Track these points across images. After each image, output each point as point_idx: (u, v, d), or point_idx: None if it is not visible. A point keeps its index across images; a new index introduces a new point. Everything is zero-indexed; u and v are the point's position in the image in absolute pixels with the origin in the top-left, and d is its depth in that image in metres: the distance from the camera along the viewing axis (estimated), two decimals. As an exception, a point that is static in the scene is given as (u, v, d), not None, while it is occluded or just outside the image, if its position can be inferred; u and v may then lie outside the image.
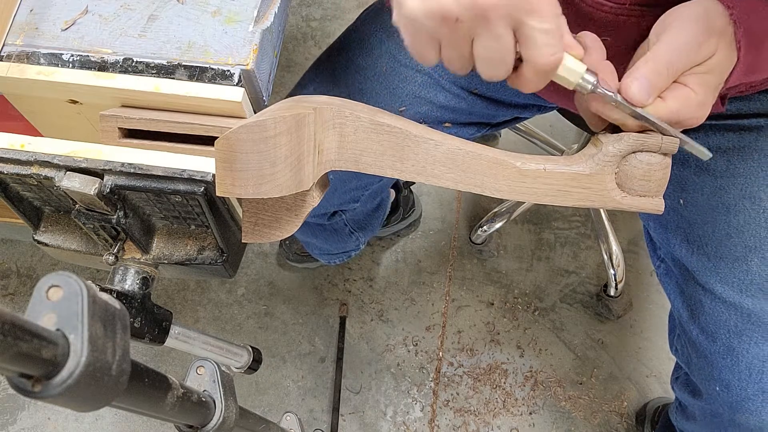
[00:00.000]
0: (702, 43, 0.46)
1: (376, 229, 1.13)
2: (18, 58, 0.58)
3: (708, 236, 0.69)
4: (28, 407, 1.30)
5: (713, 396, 0.73)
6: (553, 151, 1.35)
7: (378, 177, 0.82)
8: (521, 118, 0.86)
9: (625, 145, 0.49)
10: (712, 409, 0.75)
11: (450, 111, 0.76)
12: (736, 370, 0.69)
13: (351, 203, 0.86)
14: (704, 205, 0.69)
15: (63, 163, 0.50)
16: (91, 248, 0.59)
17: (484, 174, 0.51)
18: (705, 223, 0.69)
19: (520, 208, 1.36)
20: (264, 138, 0.44)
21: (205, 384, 0.52)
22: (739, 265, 0.67)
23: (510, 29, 0.42)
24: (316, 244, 1.08)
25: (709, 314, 0.70)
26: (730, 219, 0.68)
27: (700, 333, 0.72)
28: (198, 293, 1.40)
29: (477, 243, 1.40)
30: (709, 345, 0.71)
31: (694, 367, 0.75)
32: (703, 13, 0.47)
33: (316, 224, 0.96)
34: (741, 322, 0.68)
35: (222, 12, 0.60)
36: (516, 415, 1.28)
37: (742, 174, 0.67)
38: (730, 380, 0.69)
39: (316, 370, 1.32)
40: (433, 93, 0.74)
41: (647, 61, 0.46)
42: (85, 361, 0.28)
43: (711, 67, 0.47)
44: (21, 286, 1.41)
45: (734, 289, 0.68)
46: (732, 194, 0.67)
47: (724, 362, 0.69)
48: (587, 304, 1.37)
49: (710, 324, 0.70)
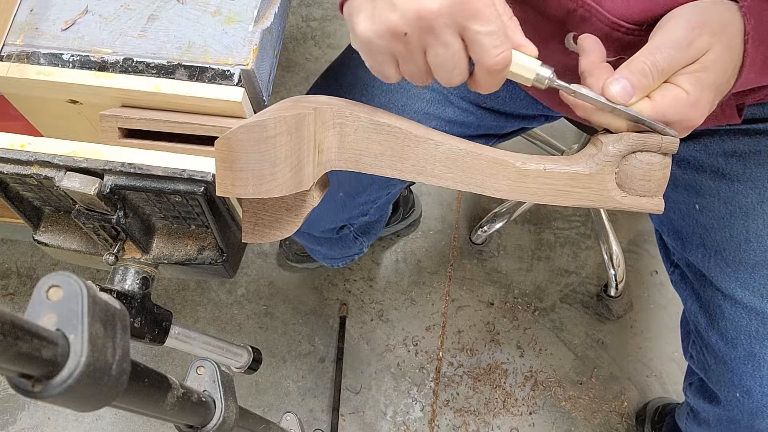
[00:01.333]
0: (692, 40, 0.46)
1: (379, 232, 1.13)
2: (18, 58, 0.58)
3: (726, 241, 0.69)
4: (28, 407, 1.30)
5: (732, 402, 0.72)
6: (553, 151, 1.35)
7: (387, 191, 0.82)
8: (528, 128, 0.86)
9: (625, 145, 0.49)
10: (729, 415, 0.74)
11: (459, 125, 0.76)
12: (758, 375, 0.68)
13: (360, 217, 0.86)
14: (721, 210, 0.69)
15: (63, 163, 0.50)
16: (91, 248, 0.59)
17: (485, 174, 0.51)
18: (722, 228, 0.69)
19: (520, 208, 1.36)
20: (264, 138, 0.44)
21: (205, 384, 0.52)
22: (759, 270, 0.67)
23: (457, 35, 0.44)
24: (321, 250, 1.08)
25: (729, 320, 0.69)
26: (748, 224, 0.67)
27: (719, 339, 0.71)
28: (198, 293, 1.40)
29: (477, 243, 1.40)
30: (729, 351, 0.70)
31: (713, 373, 0.74)
32: (698, 11, 0.47)
33: (324, 237, 0.96)
34: (762, 327, 0.67)
35: (222, 12, 0.60)
36: (516, 415, 1.28)
37: (759, 178, 0.67)
38: (752, 386, 0.68)
39: (316, 370, 1.32)
40: (441, 109, 0.74)
41: (631, 62, 0.47)
42: (85, 361, 0.28)
43: (705, 65, 0.47)
44: (21, 286, 1.41)
45: (755, 294, 0.67)
46: (750, 199, 0.67)
47: (744, 368, 0.68)
48: (587, 304, 1.37)
49: (730, 330, 0.69)
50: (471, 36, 0.44)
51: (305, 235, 0.94)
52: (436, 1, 0.42)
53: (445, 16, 0.42)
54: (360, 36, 0.46)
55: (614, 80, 0.46)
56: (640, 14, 0.52)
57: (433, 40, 0.44)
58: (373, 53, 0.47)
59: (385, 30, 0.44)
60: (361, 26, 0.46)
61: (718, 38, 0.46)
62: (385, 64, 0.47)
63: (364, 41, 0.46)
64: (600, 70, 0.48)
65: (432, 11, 0.42)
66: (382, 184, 0.79)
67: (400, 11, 0.43)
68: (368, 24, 0.45)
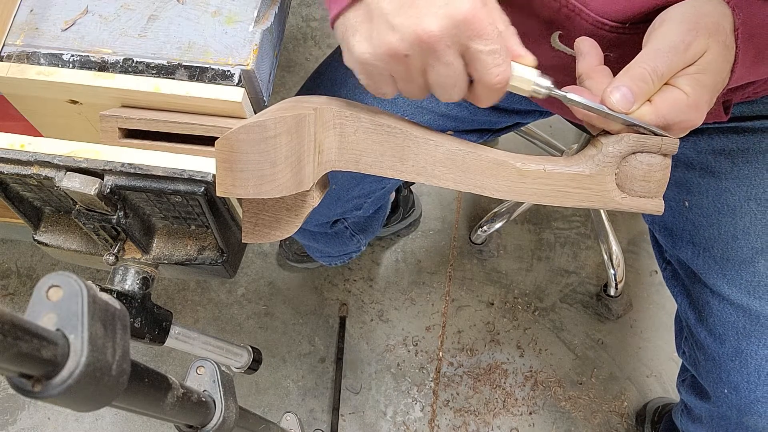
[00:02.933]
0: (690, 43, 0.46)
1: (377, 231, 1.13)
2: (18, 58, 0.58)
3: (714, 238, 0.69)
4: (28, 407, 1.30)
5: (721, 399, 0.72)
6: (553, 152, 1.35)
7: (381, 184, 0.82)
8: (523, 123, 0.86)
9: (625, 145, 0.49)
10: (719, 411, 0.75)
11: (452, 120, 0.76)
12: (745, 372, 0.68)
13: (354, 211, 0.86)
14: (709, 207, 0.69)
15: (63, 163, 0.50)
16: (91, 248, 0.59)
17: (484, 174, 0.51)
18: (710, 225, 0.69)
19: (520, 208, 1.36)
20: (264, 138, 0.44)
21: (205, 384, 0.52)
22: (746, 267, 0.67)
23: (458, 55, 0.43)
24: (318, 247, 1.08)
25: (717, 316, 0.70)
26: (735, 221, 0.68)
27: (708, 335, 0.71)
28: (198, 293, 1.40)
29: (477, 243, 1.40)
30: (717, 347, 0.70)
31: (702, 369, 0.75)
32: (692, 12, 0.47)
33: (318, 232, 0.96)
34: (749, 324, 0.67)
35: (222, 12, 0.60)
36: (516, 415, 1.28)
37: (746, 176, 0.67)
38: (739, 383, 0.69)
39: (316, 370, 1.32)
40: (435, 102, 0.74)
41: (630, 69, 0.46)
42: (85, 361, 0.28)
43: (703, 67, 0.47)
44: (21, 286, 1.41)
45: (742, 291, 0.67)
46: (737, 196, 0.67)
47: (732, 364, 0.69)
48: (587, 304, 1.37)
49: (718, 326, 0.70)
50: (473, 55, 0.43)
51: (301, 231, 0.94)
52: (436, 23, 0.41)
53: (447, 37, 0.42)
54: (358, 57, 0.45)
55: (614, 88, 0.46)
56: (624, 12, 0.52)
57: (434, 61, 0.43)
58: (371, 74, 0.46)
59: (384, 52, 0.43)
60: (358, 48, 0.44)
61: (714, 38, 0.46)
62: (383, 84, 0.46)
63: (361, 63, 0.45)
64: (598, 74, 0.48)
65: (434, 34, 0.41)
66: (377, 178, 0.79)
67: (400, 33, 0.42)
68: (366, 46, 0.44)
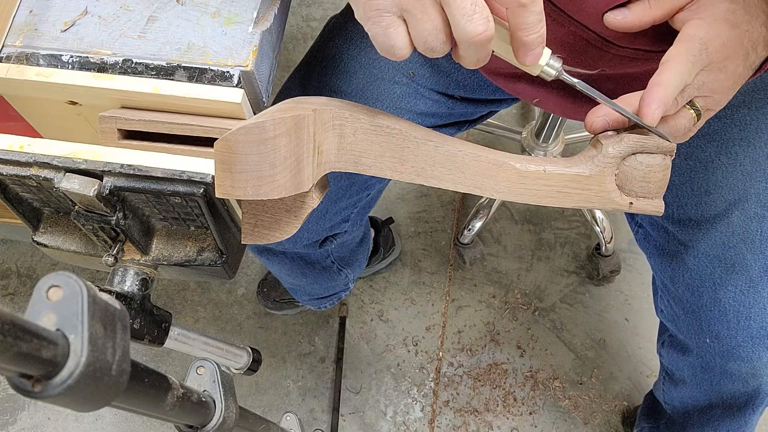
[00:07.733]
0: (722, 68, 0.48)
1: (362, 265, 1.13)
2: (17, 59, 0.58)
3: (687, 195, 0.70)
4: (28, 407, 1.30)
5: (704, 349, 0.74)
6: (512, 135, 1.34)
7: (366, 192, 0.82)
8: (495, 111, 0.87)
9: (625, 146, 0.49)
10: (702, 362, 0.77)
11: (430, 117, 0.77)
12: (725, 320, 0.70)
13: (342, 223, 0.85)
14: (681, 165, 0.70)
15: (62, 164, 0.50)
16: (90, 249, 0.59)
17: (484, 175, 0.51)
18: (683, 183, 0.70)
19: (496, 203, 1.35)
20: (263, 139, 0.44)
21: (205, 384, 0.52)
22: (720, 220, 0.69)
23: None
24: (305, 287, 1.07)
25: (693, 270, 0.71)
26: (708, 176, 0.69)
27: (685, 290, 0.73)
28: (198, 293, 1.40)
29: (464, 243, 1.39)
30: (695, 300, 0.72)
31: (682, 323, 0.77)
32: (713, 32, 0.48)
33: (305, 261, 0.95)
34: (725, 273, 0.69)
35: (221, 13, 0.60)
36: (516, 415, 1.28)
37: (716, 132, 0.68)
38: (720, 330, 0.71)
39: (316, 370, 1.32)
40: (413, 102, 0.74)
41: (667, 87, 0.47)
42: (85, 361, 0.28)
43: (719, 100, 0.50)
44: (21, 286, 1.41)
45: (716, 243, 0.69)
46: (708, 152, 0.68)
47: (711, 314, 0.71)
48: (587, 304, 1.38)
49: (695, 279, 0.71)
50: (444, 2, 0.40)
51: (290, 262, 0.94)
52: None
53: None
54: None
55: (653, 102, 0.46)
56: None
57: None
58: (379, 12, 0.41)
59: None
60: None
61: (742, 60, 0.48)
62: (392, 27, 0.42)
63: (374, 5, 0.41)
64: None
65: None
66: (361, 186, 0.79)
67: None
68: None
